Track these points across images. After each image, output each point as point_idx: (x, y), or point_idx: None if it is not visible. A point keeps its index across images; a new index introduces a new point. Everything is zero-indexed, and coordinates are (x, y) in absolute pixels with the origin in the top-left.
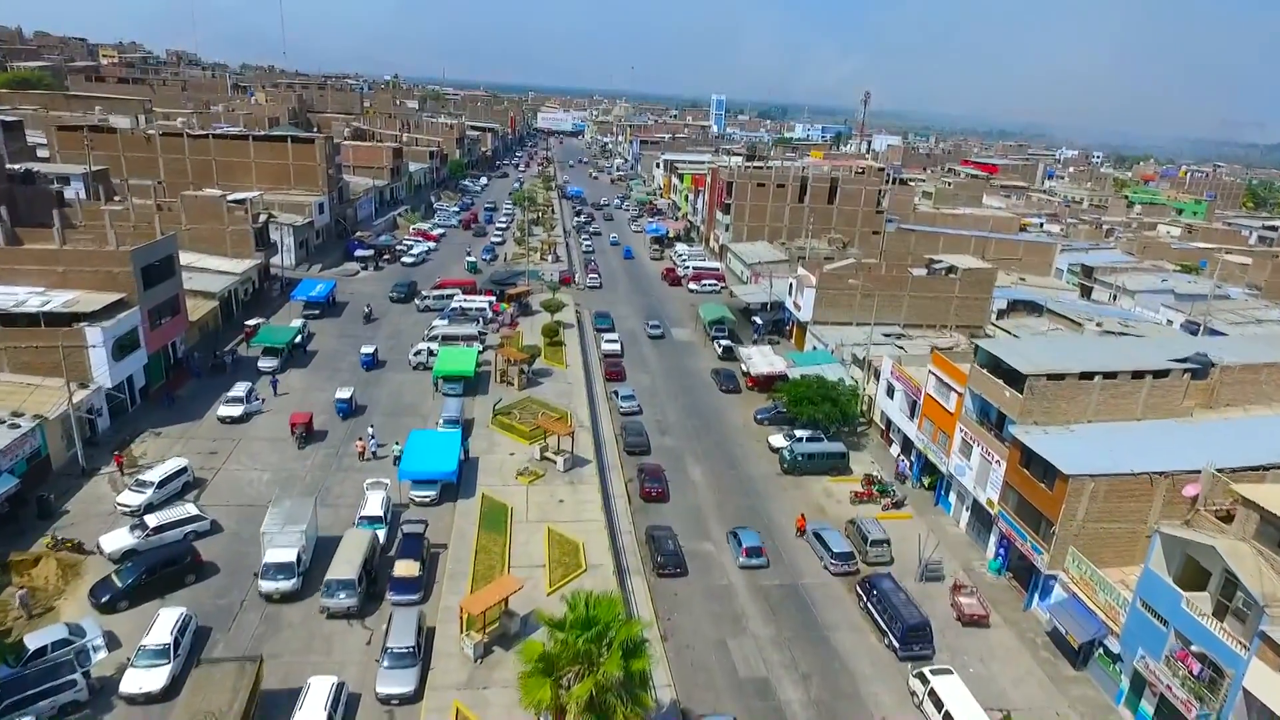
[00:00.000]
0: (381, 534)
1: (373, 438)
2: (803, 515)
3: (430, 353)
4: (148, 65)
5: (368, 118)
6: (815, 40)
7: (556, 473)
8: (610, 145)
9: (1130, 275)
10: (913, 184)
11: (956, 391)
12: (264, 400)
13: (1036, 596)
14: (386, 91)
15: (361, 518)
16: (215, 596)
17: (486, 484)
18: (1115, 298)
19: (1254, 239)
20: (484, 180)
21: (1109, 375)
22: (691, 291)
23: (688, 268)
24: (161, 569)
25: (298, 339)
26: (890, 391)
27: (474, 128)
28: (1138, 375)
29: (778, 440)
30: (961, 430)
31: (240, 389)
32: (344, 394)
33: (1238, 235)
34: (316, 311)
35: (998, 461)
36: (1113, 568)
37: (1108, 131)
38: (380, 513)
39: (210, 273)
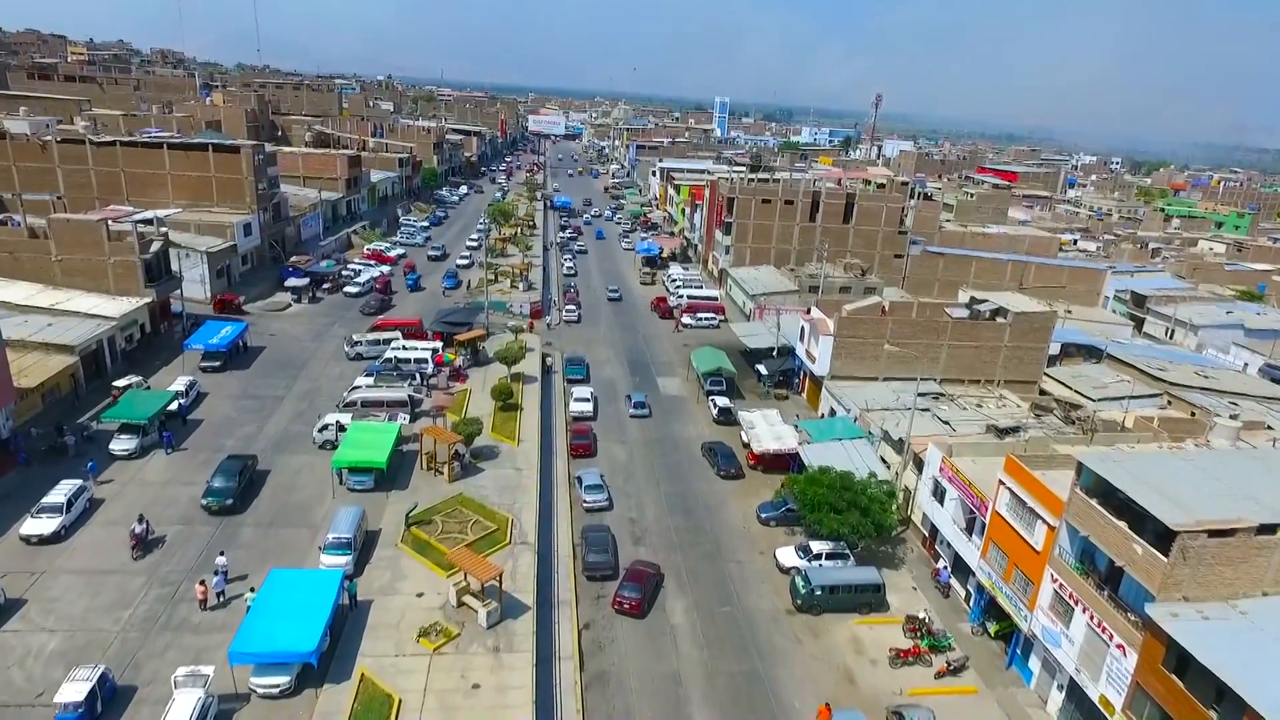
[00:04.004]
0: None
1: (222, 572)
2: (827, 705)
3: (340, 427)
4: (118, 63)
5: (342, 120)
6: (819, 43)
7: (478, 629)
8: (607, 150)
9: (1190, 306)
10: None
11: (1046, 523)
12: (96, 492)
13: None
14: (368, 92)
15: None
16: None
17: (372, 652)
18: (1171, 332)
19: None
20: (464, 189)
21: None
22: (686, 327)
23: (681, 296)
24: None
25: (175, 405)
26: (939, 493)
27: (457, 131)
28: None
29: (788, 556)
30: (1054, 580)
31: (61, 492)
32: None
33: None
34: (217, 363)
35: (1120, 646)
36: None
37: (1114, 135)
38: None
39: (78, 316)
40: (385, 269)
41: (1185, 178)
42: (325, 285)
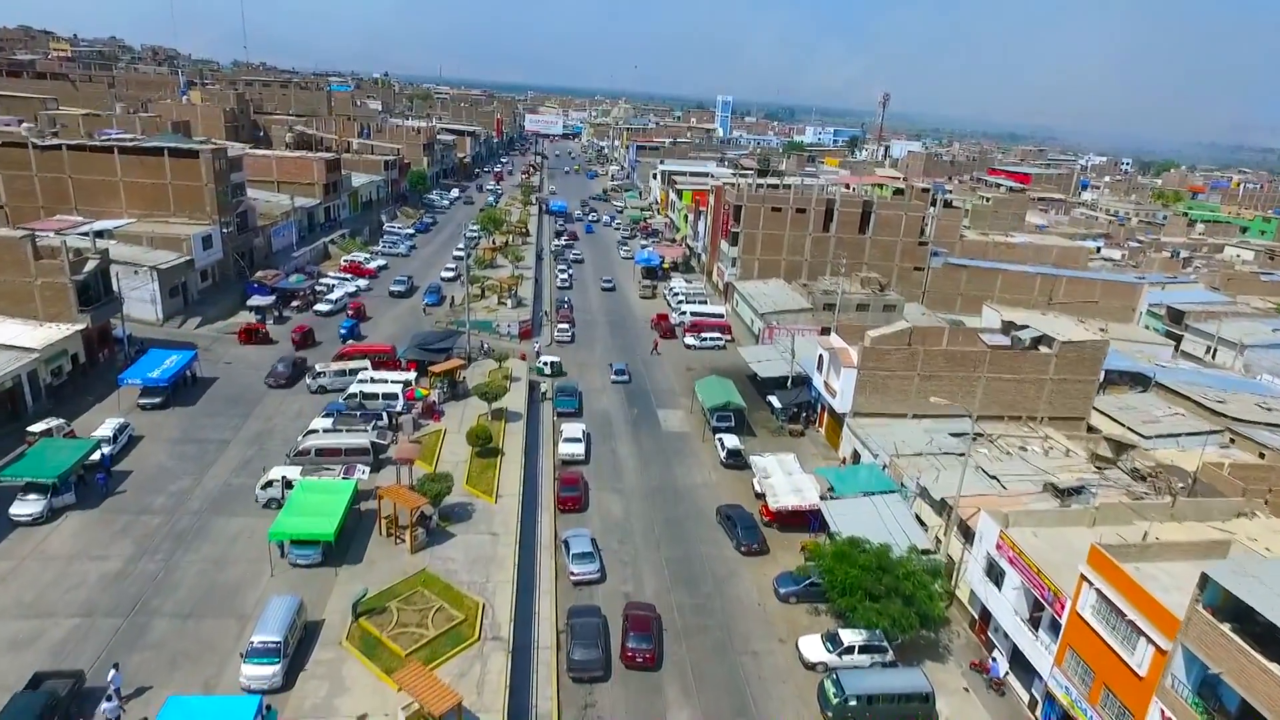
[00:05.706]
0: None
1: (114, 690)
2: None
3: (287, 484)
4: (103, 60)
5: (327, 120)
6: (820, 42)
7: None
8: (607, 150)
9: (1233, 322)
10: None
11: (1155, 645)
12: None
13: None
14: (361, 90)
15: None
16: None
17: None
18: (1214, 352)
19: None
20: (455, 193)
21: None
22: (689, 348)
23: (684, 314)
24: None
25: (99, 455)
26: (994, 573)
27: (450, 131)
28: None
29: (813, 649)
30: (1165, 714)
31: None
32: None
33: None
34: (158, 399)
35: None
36: None
37: (1117, 135)
38: None
39: None
40: (357, 284)
41: (1198, 179)
42: (294, 303)
